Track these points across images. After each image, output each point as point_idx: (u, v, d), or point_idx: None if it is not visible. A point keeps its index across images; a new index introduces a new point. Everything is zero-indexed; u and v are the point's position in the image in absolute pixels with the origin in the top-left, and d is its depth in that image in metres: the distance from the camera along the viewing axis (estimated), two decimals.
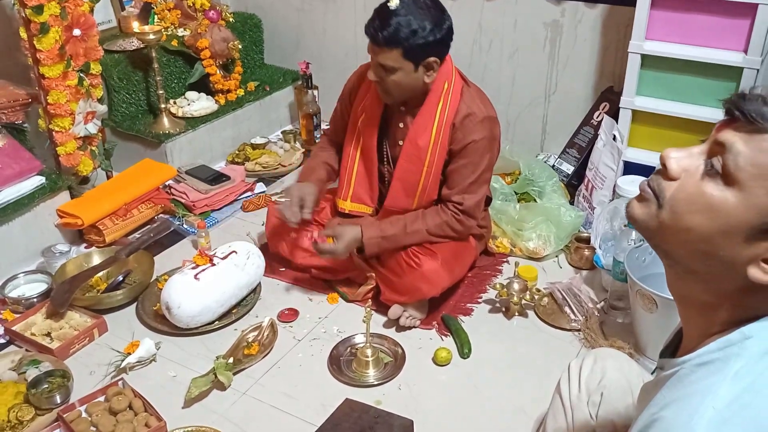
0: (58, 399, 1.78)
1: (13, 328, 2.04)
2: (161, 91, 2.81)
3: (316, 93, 3.17)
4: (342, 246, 2.04)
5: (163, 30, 2.90)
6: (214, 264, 2.08)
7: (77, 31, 2.32)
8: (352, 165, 2.19)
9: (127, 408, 1.74)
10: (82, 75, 2.39)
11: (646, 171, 2.36)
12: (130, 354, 1.93)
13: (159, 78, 2.79)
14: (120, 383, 1.84)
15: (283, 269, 2.34)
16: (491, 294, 2.20)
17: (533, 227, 2.38)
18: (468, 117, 1.99)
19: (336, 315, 2.15)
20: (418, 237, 2.06)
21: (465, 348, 1.97)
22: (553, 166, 2.74)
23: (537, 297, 2.11)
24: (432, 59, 1.93)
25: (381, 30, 1.87)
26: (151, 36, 2.69)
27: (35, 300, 2.16)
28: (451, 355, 1.95)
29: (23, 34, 2.26)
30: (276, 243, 2.32)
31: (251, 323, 2.08)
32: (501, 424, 1.75)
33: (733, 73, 2.20)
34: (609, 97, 2.65)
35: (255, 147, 3.08)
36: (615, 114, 2.49)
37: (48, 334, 2.03)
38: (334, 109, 2.33)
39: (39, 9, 2.16)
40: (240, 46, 3.09)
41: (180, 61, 3.04)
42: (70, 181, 2.45)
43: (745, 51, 2.17)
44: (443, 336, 2.06)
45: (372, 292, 2.18)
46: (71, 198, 2.46)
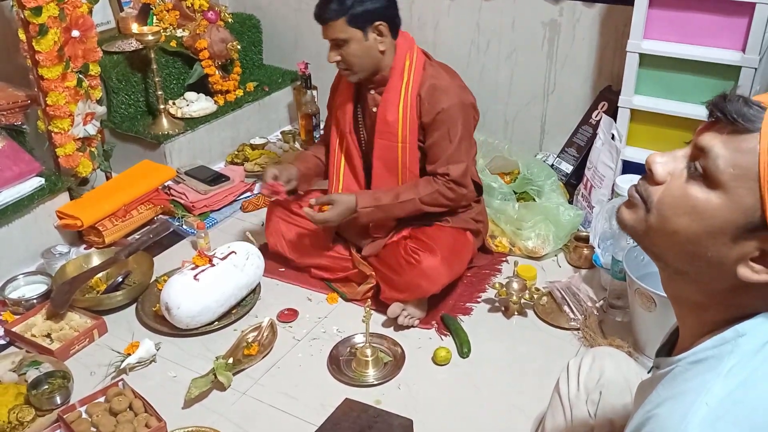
0: (58, 400, 1.78)
1: (14, 329, 2.04)
2: (160, 92, 2.81)
3: (314, 93, 3.17)
4: (335, 214, 2.07)
5: (162, 31, 2.90)
6: (213, 264, 2.08)
7: (76, 33, 2.32)
8: (339, 158, 2.25)
9: (128, 408, 1.75)
10: (81, 76, 2.39)
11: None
12: (130, 355, 1.94)
13: (158, 79, 2.80)
14: (120, 384, 1.84)
15: (283, 269, 2.35)
16: (490, 293, 2.20)
17: (532, 226, 2.38)
18: (432, 86, 2.04)
19: (335, 315, 2.16)
20: (410, 206, 2.09)
21: (464, 347, 1.98)
22: (552, 165, 2.75)
23: (536, 296, 2.12)
24: (378, 23, 1.98)
25: (323, 6, 1.98)
26: (150, 37, 2.70)
27: (35, 301, 2.17)
28: (451, 355, 1.96)
29: (22, 35, 2.26)
30: (275, 242, 2.32)
31: (251, 323, 2.08)
32: (500, 423, 1.76)
33: (731, 72, 2.20)
34: (607, 97, 2.66)
35: (254, 147, 3.09)
36: (613, 113, 2.50)
37: (48, 335, 2.04)
38: (327, 116, 2.38)
39: (38, 10, 2.16)
40: (239, 46, 3.09)
41: (179, 62, 3.04)
42: (69, 183, 2.45)
43: (743, 50, 2.17)
44: (443, 335, 2.06)
45: (371, 291, 2.18)
46: (71, 199, 2.46)
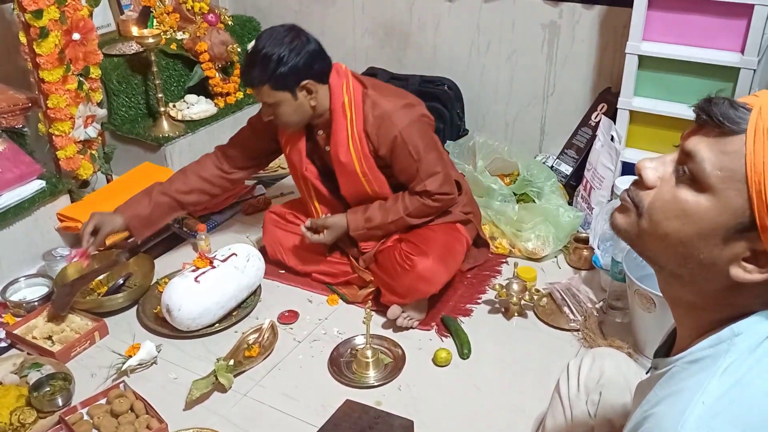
0: (59, 402, 1.79)
1: (15, 331, 2.04)
2: (160, 95, 2.82)
3: None
4: (330, 237, 2.14)
5: (162, 34, 2.91)
6: (214, 266, 2.09)
7: (77, 36, 2.32)
8: (310, 196, 2.24)
9: (129, 410, 1.75)
10: (81, 79, 2.40)
11: None
12: (131, 356, 1.94)
13: (158, 81, 2.80)
14: (121, 386, 1.84)
15: (283, 271, 2.35)
16: (490, 295, 2.20)
17: (532, 228, 2.39)
18: (377, 119, 2.01)
19: (336, 316, 2.16)
20: (401, 223, 2.11)
21: (465, 348, 1.98)
22: (552, 166, 2.75)
23: (536, 297, 2.12)
24: (305, 83, 1.95)
25: (246, 73, 1.97)
26: (150, 40, 2.70)
27: (36, 303, 2.17)
28: (451, 356, 1.96)
29: (23, 38, 2.27)
30: (274, 250, 2.34)
31: (252, 325, 2.08)
32: (501, 423, 1.76)
33: (730, 74, 2.21)
34: (607, 98, 2.66)
35: None
36: (613, 115, 2.50)
37: (49, 337, 2.04)
38: (243, 129, 2.28)
39: (38, 13, 2.16)
40: (239, 49, 3.09)
41: (179, 65, 3.04)
42: (70, 185, 2.46)
43: (742, 51, 2.18)
44: (443, 337, 2.06)
45: (372, 294, 2.19)
46: (71, 202, 2.47)
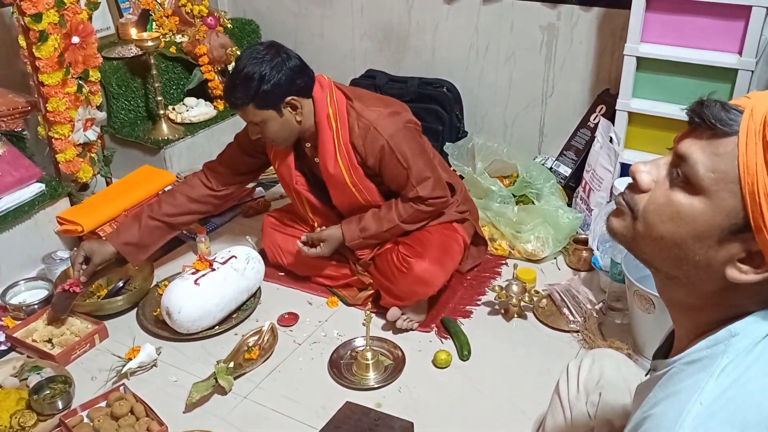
0: (59, 405, 1.79)
1: (15, 334, 2.04)
2: (160, 98, 2.82)
3: None
4: (327, 250, 2.14)
5: (162, 37, 2.92)
6: (214, 269, 2.09)
7: (76, 39, 2.33)
8: (303, 208, 2.24)
9: (129, 413, 1.75)
10: (81, 82, 2.40)
11: None
12: (131, 359, 1.94)
13: (157, 84, 2.81)
14: (121, 388, 1.84)
15: (283, 274, 2.36)
16: (490, 296, 2.21)
17: (531, 229, 2.39)
18: (362, 129, 2.00)
19: (336, 318, 2.16)
20: (396, 231, 2.11)
21: (464, 350, 1.98)
22: (551, 168, 2.76)
23: (536, 299, 2.12)
24: (289, 99, 1.94)
25: (229, 95, 1.95)
26: (150, 43, 2.71)
27: (36, 306, 2.17)
28: (451, 358, 1.96)
29: (22, 42, 2.27)
30: (273, 254, 2.34)
31: (251, 328, 2.09)
32: (501, 425, 1.76)
33: (728, 75, 2.21)
34: (605, 100, 2.67)
35: None
36: (611, 116, 2.51)
37: (49, 340, 2.04)
38: (230, 146, 2.27)
39: (38, 17, 2.17)
40: (238, 51, 3.10)
41: (178, 68, 3.05)
42: (69, 188, 2.46)
43: (740, 53, 2.18)
44: (443, 338, 2.06)
45: (372, 296, 2.19)
46: (71, 205, 2.47)
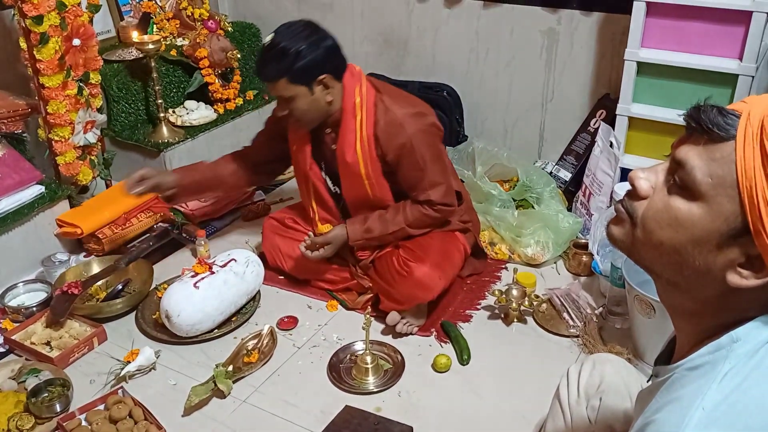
0: (58, 408, 1.78)
1: (13, 337, 2.04)
2: (160, 101, 2.82)
3: None
4: (330, 251, 2.14)
5: (162, 40, 2.92)
6: (213, 272, 2.08)
7: (77, 41, 2.33)
8: (309, 197, 2.24)
9: (127, 416, 1.74)
10: (81, 85, 2.40)
11: None
12: (129, 362, 1.94)
13: (158, 87, 2.80)
14: (120, 392, 1.84)
15: (282, 277, 2.35)
16: (490, 300, 2.20)
17: (531, 234, 2.39)
18: (387, 123, 2.01)
19: (335, 322, 2.16)
20: (400, 234, 2.11)
21: (464, 354, 1.98)
22: (551, 172, 2.76)
23: (536, 303, 2.12)
24: (322, 77, 1.95)
25: (262, 66, 1.96)
26: (150, 46, 2.71)
27: (35, 309, 2.17)
28: (451, 362, 1.96)
29: (23, 44, 2.27)
30: (273, 257, 2.34)
31: (251, 331, 2.08)
32: (500, 429, 1.76)
33: (729, 80, 2.22)
34: (605, 105, 2.67)
35: None
36: (612, 121, 2.51)
37: (48, 343, 2.04)
38: (260, 132, 2.32)
39: (39, 19, 2.17)
40: (239, 55, 3.10)
41: (179, 71, 3.05)
42: (69, 191, 2.46)
43: (740, 58, 2.18)
44: (442, 342, 2.06)
45: (371, 300, 2.19)
46: (70, 207, 2.47)
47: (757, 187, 0.72)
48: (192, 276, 2.07)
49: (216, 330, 2.08)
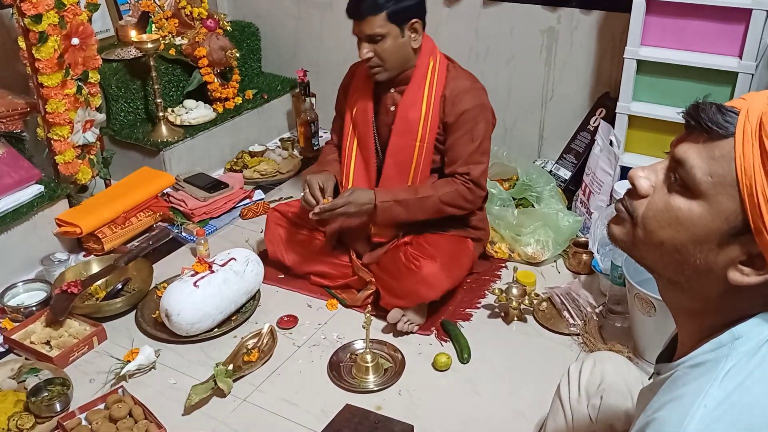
0: (57, 407, 1.78)
1: (13, 336, 2.04)
2: (159, 100, 2.82)
3: (313, 100, 3.18)
4: (354, 205, 2.04)
5: (161, 39, 2.91)
6: (213, 271, 2.08)
7: (76, 40, 2.33)
8: (349, 158, 2.25)
9: (127, 415, 1.74)
10: (80, 84, 2.40)
11: None
12: (129, 362, 1.93)
13: (157, 86, 2.80)
14: (120, 391, 1.84)
15: (282, 276, 2.35)
16: (490, 299, 2.20)
17: (531, 232, 2.39)
18: (456, 88, 2.08)
19: (335, 321, 2.16)
20: (429, 204, 2.08)
21: (464, 353, 1.98)
22: (551, 171, 2.76)
23: (536, 302, 2.12)
24: (414, 20, 2.02)
25: (362, 1, 1.98)
26: (149, 45, 2.71)
27: (34, 308, 2.16)
28: (451, 361, 1.96)
29: (22, 43, 2.27)
30: (274, 249, 2.33)
31: (251, 330, 2.08)
32: (501, 428, 1.76)
33: (728, 78, 2.21)
34: (605, 103, 2.67)
35: (253, 155, 3.09)
36: (611, 119, 2.50)
37: (47, 342, 2.03)
38: (333, 119, 2.38)
39: (38, 18, 2.17)
40: (238, 54, 3.10)
41: (178, 70, 3.05)
42: (68, 190, 2.45)
43: (740, 56, 2.18)
44: (443, 341, 2.06)
45: (371, 297, 2.19)
46: (70, 206, 2.46)
47: (757, 185, 0.72)
48: (192, 275, 2.07)
49: (216, 329, 2.08)
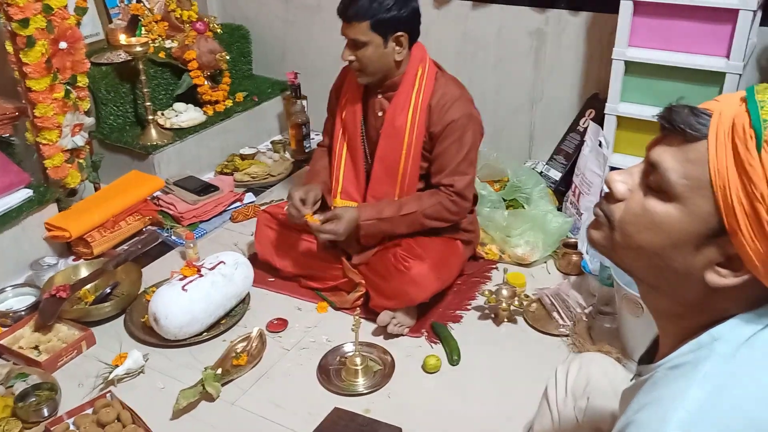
0: (45, 412, 1.78)
1: (1, 341, 2.03)
2: (149, 103, 2.81)
3: (304, 103, 3.18)
4: (342, 227, 2.05)
5: (151, 42, 2.91)
6: (202, 275, 2.08)
7: (64, 44, 2.32)
8: (339, 161, 2.24)
9: (116, 420, 1.74)
10: (69, 88, 2.39)
11: None
12: (118, 366, 1.93)
13: (146, 90, 2.80)
14: (108, 395, 1.83)
15: (272, 279, 2.34)
16: (480, 301, 2.20)
17: (521, 234, 2.39)
18: (443, 98, 2.07)
19: (325, 324, 2.15)
20: (413, 219, 2.09)
21: (454, 355, 1.98)
22: (541, 172, 2.76)
23: (525, 303, 2.12)
24: (400, 34, 2.01)
25: (350, 4, 1.99)
26: (139, 48, 2.70)
27: (23, 313, 2.16)
28: (441, 363, 1.96)
29: (9, 47, 2.26)
30: (264, 251, 2.33)
31: (240, 334, 2.07)
32: (490, 429, 1.76)
33: (716, 79, 2.22)
34: (594, 104, 2.67)
35: (244, 157, 3.09)
36: (600, 120, 2.51)
37: (36, 347, 2.03)
38: (325, 120, 2.38)
39: (25, 22, 2.16)
40: (227, 57, 3.10)
41: (167, 73, 3.04)
42: (57, 194, 2.45)
43: (728, 56, 2.19)
44: (432, 343, 2.06)
45: (361, 299, 2.18)
46: (59, 211, 2.46)
47: (731, 187, 0.71)
48: (181, 279, 2.06)
49: (205, 333, 2.07)
